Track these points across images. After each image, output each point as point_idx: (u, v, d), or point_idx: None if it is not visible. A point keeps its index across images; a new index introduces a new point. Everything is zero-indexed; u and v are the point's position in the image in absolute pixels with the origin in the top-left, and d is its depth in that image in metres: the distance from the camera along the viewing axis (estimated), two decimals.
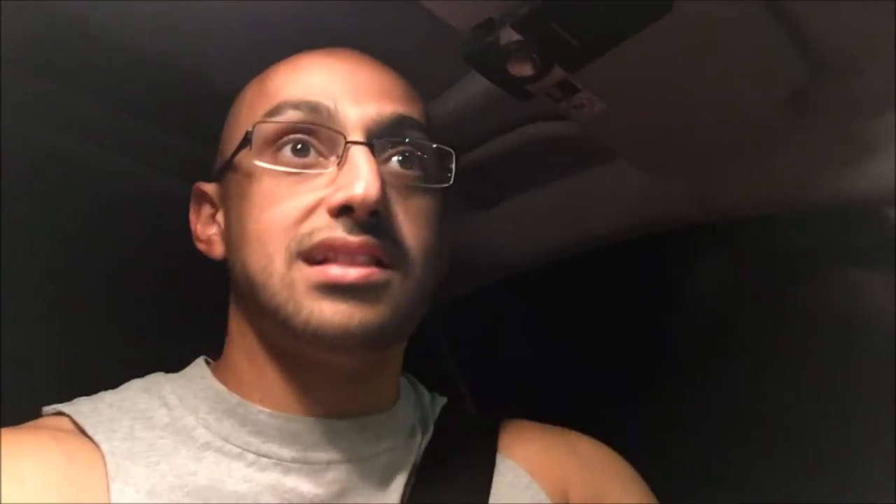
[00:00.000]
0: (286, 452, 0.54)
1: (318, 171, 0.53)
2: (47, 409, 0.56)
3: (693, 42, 0.50)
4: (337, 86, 0.55)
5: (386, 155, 0.55)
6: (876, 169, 0.61)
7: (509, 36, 0.48)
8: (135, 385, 0.59)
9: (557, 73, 0.51)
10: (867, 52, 0.54)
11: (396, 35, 0.60)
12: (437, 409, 0.65)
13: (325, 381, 0.56)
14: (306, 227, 0.52)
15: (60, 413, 0.55)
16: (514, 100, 0.56)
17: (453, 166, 0.56)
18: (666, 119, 0.58)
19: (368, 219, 0.51)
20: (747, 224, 0.73)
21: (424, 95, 0.61)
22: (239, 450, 0.53)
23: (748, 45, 0.51)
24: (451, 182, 0.56)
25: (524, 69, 0.50)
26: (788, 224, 0.80)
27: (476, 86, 0.64)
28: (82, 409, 0.55)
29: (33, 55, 0.67)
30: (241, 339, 0.58)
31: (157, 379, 0.59)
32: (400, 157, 0.55)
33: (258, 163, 0.54)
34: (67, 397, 0.57)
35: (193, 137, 0.76)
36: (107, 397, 0.57)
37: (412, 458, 0.58)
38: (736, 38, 0.51)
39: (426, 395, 0.66)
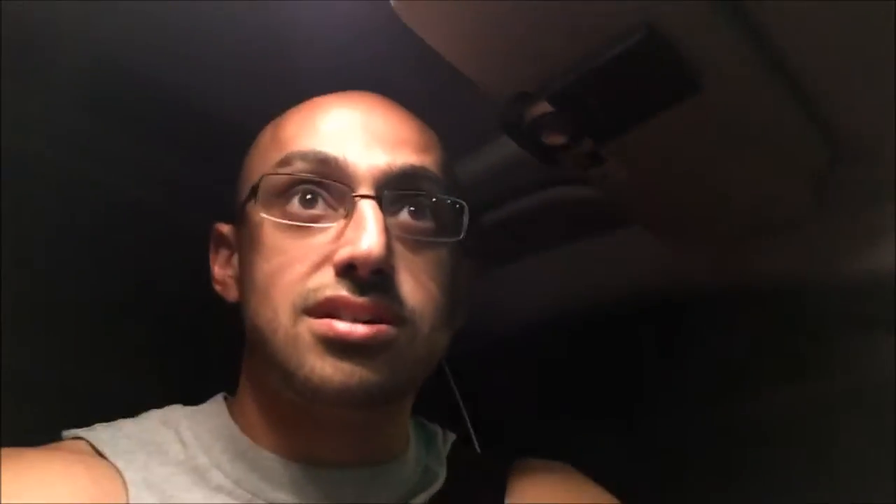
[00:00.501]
0: (295, 501, 0.54)
1: (325, 224, 0.53)
2: (66, 433, 0.57)
3: (719, 123, 0.52)
4: (348, 135, 0.54)
5: (395, 207, 0.54)
6: (892, 249, 0.63)
7: (543, 108, 0.50)
8: (153, 416, 0.59)
9: (587, 143, 0.53)
10: (885, 140, 0.56)
11: (432, 94, 0.62)
12: (448, 448, 0.65)
13: (332, 433, 0.56)
14: (312, 282, 0.51)
15: (78, 438, 0.56)
16: (542, 164, 0.58)
17: (466, 220, 0.55)
18: (688, 193, 0.59)
19: (372, 277, 0.50)
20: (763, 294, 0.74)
21: (456, 154, 0.62)
22: (249, 494, 0.54)
23: (772, 130, 0.53)
24: (462, 236, 0.56)
25: (556, 139, 0.52)
26: (802, 294, 0.81)
27: (506, 148, 0.66)
28: (101, 435, 0.55)
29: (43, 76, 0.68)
30: (251, 383, 0.59)
31: (176, 412, 0.60)
32: (411, 208, 0.54)
33: (264, 216, 0.53)
34: (67, 417, 0.57)
35: (198, 165, 0.77)
36: (125, 427, 0.57)
37: None
38: (761, 122, 0.52)
39: (438, 434, 0.66)
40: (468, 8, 0.47)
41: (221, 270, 0.61)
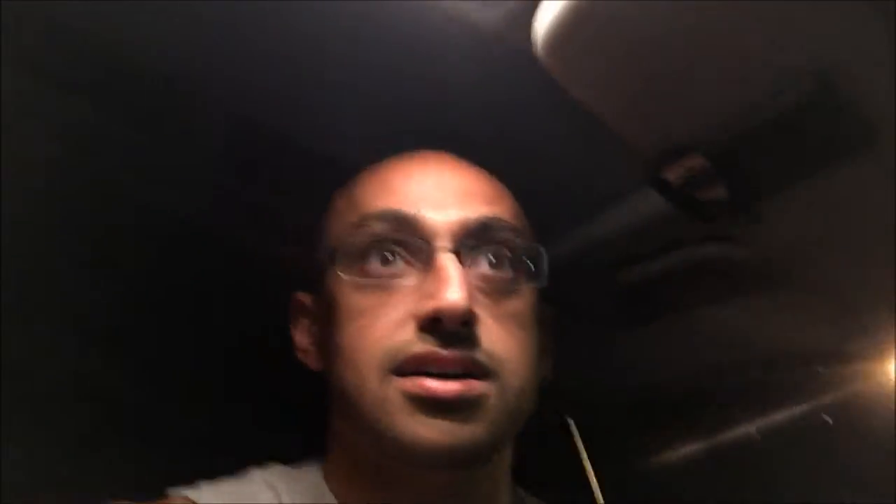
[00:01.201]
0: None
1: (406, 281, 0.53)
2: (172, 490, 0.57)
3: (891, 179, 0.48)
4: (420, 192, 0.55)
5: (474, 259, 0.54)
6: None
7: (699, 162, 0.47)
8: (254, 476, 0.59)
9: (745, 200, 0.50)
10: None
11: (574, 149, 0.60)
12: None
13: (425, 497, 0.54)
14: (397, 340, 0.51)
15: (181, 495, 0.56)
16: (686, 220, 0.55)
17: (545, 265, 0.55)
18: (848, 255, 0.55)
19: (459, 329, 0.50)
20: None
21: (592, 209, 0.60)
22: None
23: None
24: (543, 282, 0.55)
25: (709, 195, 0.49)
26: None
27: (650, 203, 0.63)
28: (205, 495, 0.56)
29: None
30: (341, 448, 0.58)
31: (275, 473, 0.60)
32: (491, 259, 0.54)
33: (344, 276, 0.54)
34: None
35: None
36: (227, 486, 0.58)
37: None
38: None
39: (524, 500, 0.64)
40: (620, 62, 0.45)
41: (303, 339, 0.62)
